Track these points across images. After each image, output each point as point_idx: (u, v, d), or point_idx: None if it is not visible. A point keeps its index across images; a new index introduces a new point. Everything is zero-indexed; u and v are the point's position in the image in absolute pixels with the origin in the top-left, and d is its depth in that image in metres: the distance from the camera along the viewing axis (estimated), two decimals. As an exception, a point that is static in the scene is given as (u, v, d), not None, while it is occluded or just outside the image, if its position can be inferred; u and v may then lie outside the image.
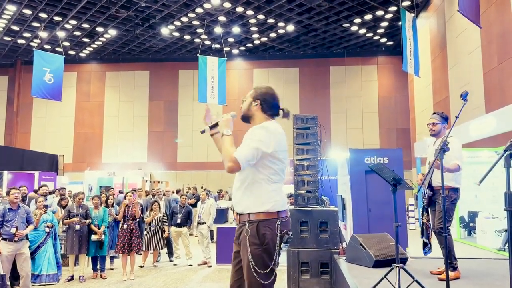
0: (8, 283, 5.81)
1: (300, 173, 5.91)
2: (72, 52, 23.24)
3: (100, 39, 21.66)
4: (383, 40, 22.28)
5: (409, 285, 3.56)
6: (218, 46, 21.70)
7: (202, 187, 20.85)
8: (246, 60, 24.61)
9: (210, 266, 8.66)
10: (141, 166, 23.45)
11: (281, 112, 2.84)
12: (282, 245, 2.56)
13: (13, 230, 5.87)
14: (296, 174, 5.93)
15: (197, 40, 21.71)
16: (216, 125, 2.79)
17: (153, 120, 24.43)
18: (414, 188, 4.31)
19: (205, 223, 8.93)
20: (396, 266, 3.61)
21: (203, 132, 2.84)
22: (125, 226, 7.64)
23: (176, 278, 7.68)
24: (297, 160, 5.96)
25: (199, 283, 7.24)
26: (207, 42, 22.05)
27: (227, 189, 21.59)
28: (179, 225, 8.85)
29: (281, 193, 2.67)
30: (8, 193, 6.60)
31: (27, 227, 6.15)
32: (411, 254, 5.54)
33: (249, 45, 23.05)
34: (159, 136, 24.19)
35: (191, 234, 9.66)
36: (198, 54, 16.38)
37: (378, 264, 4.74)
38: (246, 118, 2.84)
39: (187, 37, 21.55)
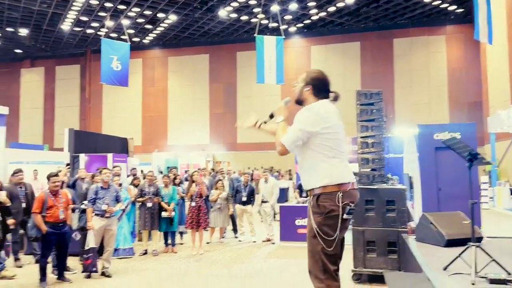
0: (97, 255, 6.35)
1: (365, 151, 5.76)
2: (136, 39, 24.25)
3: (162, 25, 22.36)
4: (452, 7, 20.69)
5: (485, 265, 3.38)
6: (275, 24, 21.47)
7: (262, 167, 21.13)
8: (304, 37, 24.15)
9: (273, 243, 8.83)
10: (204, 147, 24.21)
11: (331, 95, 2.92)
12: (346, 216, 2.66)
13: (104, 207, 6.37)
14: (361, 152, 5.79)
15: (254, 20, 21.65)
16: (272, 116, 2.98)
17: (213, 103, 24.98)
18: (492, 163, 4.04)
19: (268, 201, 9.08)
20: (472, 245, 3.43)
21: (265, 123, 3.12)
22: (193, 204, 7.98)
23: (242, 253, 7.94)
24: (361, 137, 5.80)
25: (263, 259, 7.43)
26: (264, 22, 21.91)
27: (287, 169, 21.67)
28: (244, 203, 9.09)
29: (340, 166, 2.76)
30: (100, 172, 7.12)
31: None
32: (485, 234, 5.23)
33: (307, 21, 22.55)
34: (220, 118, 24.72)
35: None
36: (255, 35, 16.34)
37: (450, 243, 4.53)
38: (300, 102, 2.97)
39: (244, 17, 21.56)
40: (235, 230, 9.72)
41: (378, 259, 5.37)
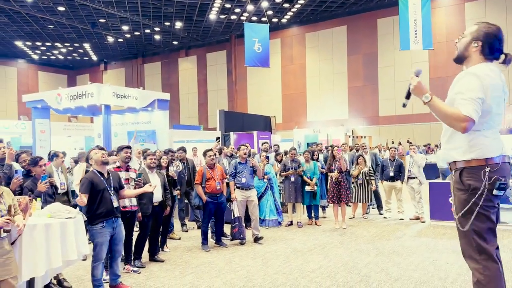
0: (244, 224, 6.96)
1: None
2: (275, 20, 24.90)
3: (299, 1, 22.43)
4: None
5: None
6: (420, -16, 19.47)
7: (408, 141, 19.79)
8: (456, -6, 21.35)
9: (423, 222, 8.30)
10: (343, 122, 23.83)
11: (502, 57, 2.50)
12: (496, 192, 2.40)
13: (243, 180, 6.94)
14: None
15: (395, -18, 20.00)
16: (409, 96, 2.59)
17: (352, 76, 24.23)
18: None
19: (416, 177, 8.52)
20: None
21: (404, 106, 2.69)
22: (333, 179, 8.01)
23: (388, 230, 7.68)
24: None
25: (412, 237, 7.06)
26: (408, -17, 20.04)
27: (437, 143, 19.88)
28: (391, 179, 8.72)
29: (491, 138, 2.45)
30: (238, 149, 7.76)
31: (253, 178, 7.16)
32: None
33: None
34: (359, 91, 23.89)
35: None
36: (398, -2, 15.11)
37: None
38: (460, 59, 2.60)
39: (384, -18, 20.12)
40: (379, 206, 9.43)
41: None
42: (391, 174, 8.69)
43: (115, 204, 4.56)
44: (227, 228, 7.16)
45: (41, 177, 4.49)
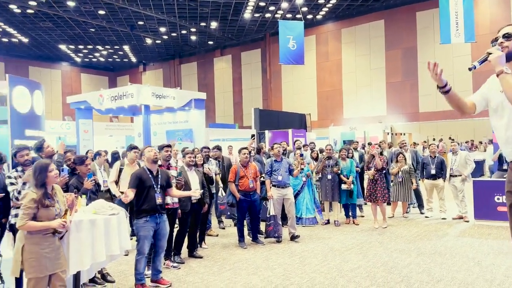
0: (280, 222, 6.96)
1: None
2: (310, 16, 24.67)
3: (333, -3, 22.10)
4: None
5: None
6: (462, -26, 18.66)
7: (450, 138, 19.07)
8: (501, -17, 20.30)
9: (467, 221, 7.98)
10: (381, 119, 23.28)
11: None
12: None
13: (280, 178, 6.93)
14: None
15: (435, -27, 19.29)
16: (485, 60, 2.41)
17: (390, 71, 23.61)
18: None
19: (459, 175, 8.20)
20: None
21: (471, 69, 2.48)
22: (370, 177, 7.85)
23: (429, 230, 7.45)
24: None
25: (455, 237, 6.80)
26: (449, -27, 19.27)
27: (481, 139, 19.03)
28: (433, 177, 8.43)
29: None
30: (272, 147, 7.77)
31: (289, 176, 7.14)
32: None
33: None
34: (398, 87, 23.24)
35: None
36: (438, -10, 14.56)
37: None
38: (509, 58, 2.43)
39: (423, -27, 19.43)
40: (420, 205, 9.15)
41: None
42: (433, 171, 8.40)
43: (159, 201, 4.69)
44: (263, 226, 7.18)
45: (87, 175, 4.68)
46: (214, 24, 25.53)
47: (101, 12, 22.35)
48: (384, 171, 7.97)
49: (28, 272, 3.34)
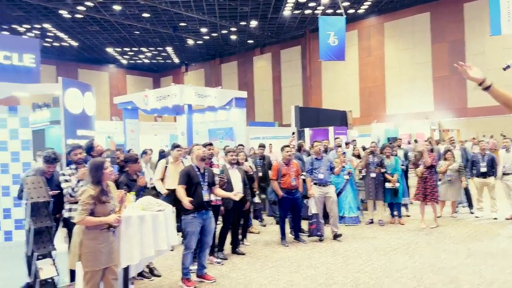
0: (322, 220, 6.89)
1: None
2: (351, 11, 24.19)
3: (375, -9, 21.55)
4: None
5: None
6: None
7: (501, 134, 18.05)
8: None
9: (521, 222, 7.55)
10: (427, 115, 22.44)
11: None
12: None
13: (321, 176, 6.87)
14: None
15: (486, -39, 18.30)
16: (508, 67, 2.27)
17: (437, 65, 22.68)
18: None
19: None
20: None
21: (505, 69, 2.37)
22: (419, 175, 7.60)
23: (480, 230, 7.11)
24: None
25: (508, 238, 6.46)
26: (500, -40, 18.22)
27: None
28: (483, 175, 8.04)
29: None
30: (312, 145, 7.71)
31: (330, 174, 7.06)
32: None
33: None
34: (445, 81, 22.29)
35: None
36: (489, -22, 13.81)
37: None
38: None
39: (472, -39, 18.50)
40: (470, 205, 8.76)
41: None
42: (483, 169, 8.00)
43: (206, 198, 4.80)
44: (304, 225, 7.15)
45: (141, 172, 4.87)
46: (254, 23, 25.64)
47: (145, 15, 23.08)
48: (433, 169, 7.67)
49: (85, 266, 3.53)
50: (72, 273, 4.32)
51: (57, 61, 30.63)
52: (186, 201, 4.54)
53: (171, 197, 6.12)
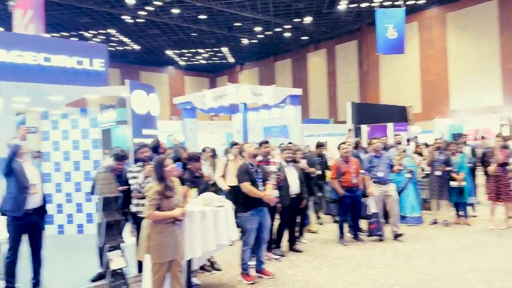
0: (382, 220, 6.71)
1: None
2: (410, 2, 23.15)
3: (437, -21, 20.45)
4: None
5: None
6: None
7: None
8: None
9: None
10: (495, 109, 20.94)
11: None
12: None
13: (380, 174, 6.68)
14: None
15: None
16: None
17: (506, 56, 21.08)
18: None
19: None
20: None
21: None
22: (490, 173, 7.13)
23: (559, 234, 6.55)
24: None
25: None
26: None
27: None
28: None
29: None
30: (370, 142, 7.53)
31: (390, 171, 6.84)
32: None
33: None
34: (516, 72, 20.68)
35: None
36: None
37: None
38: None
39: None
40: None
41: None
42: None
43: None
44: (363, 224, 6.99)
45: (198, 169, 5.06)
46: (308, 19, 25.40)
47: (202, 16, 23.70)
48: (506, 166, 7.15)
49: (152, 258, 3.74)
50: (140, 265, 4.58)
51: (120, 64, 32.34)
52: (263, 194, 4.74)
53: (232, 194, 6.29)
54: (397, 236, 6.57)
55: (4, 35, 7.91)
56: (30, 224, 4.48)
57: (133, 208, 4.98)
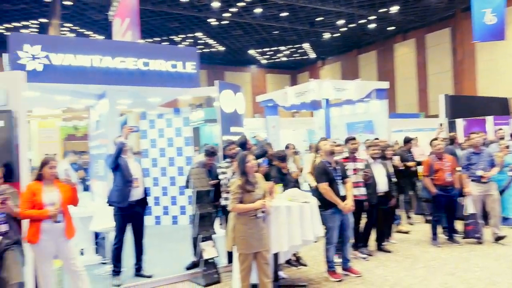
0: (481, 221, 6.19)
1: None
2: (512, -18, 20.90)
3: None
4: None
5: None
6: None
7: None
8: None
9: None
10: None
11: None
12: None
13: (479, 173, 6.16)
14: None
15: None
16: None
17: None
18: None
19: None
20: None
21: None
22: None
23: None
24: None
25: None
26: None
27: None
28: None
29: None
30: (469, 137, 6.97)
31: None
32: None
33: None
34: None
35: None
36: None
37: None
38: None
39: None
40: None
41: None
42: None
43: (342, 193, 4.82)
44: (459, 225, 6.53)
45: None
46: (394, 8, 24.18)
47: (283, 14, 23.85)
48: None
49: (238, 248, 3.92)
50: (229, 256, 4.82)
51: (207, 65, 33.89)
52: (340, 203, 4.68)
53: (317, 191, 6.29)
54: (498, 238, 6.04)
55: (108, 43, 8.77)
56: (133, 214, 4.96)
57: (222, 202, 5.24)
